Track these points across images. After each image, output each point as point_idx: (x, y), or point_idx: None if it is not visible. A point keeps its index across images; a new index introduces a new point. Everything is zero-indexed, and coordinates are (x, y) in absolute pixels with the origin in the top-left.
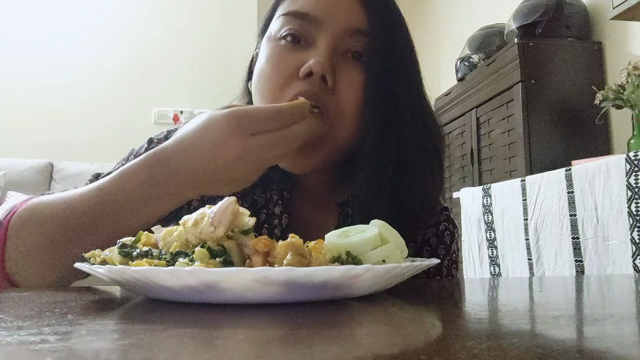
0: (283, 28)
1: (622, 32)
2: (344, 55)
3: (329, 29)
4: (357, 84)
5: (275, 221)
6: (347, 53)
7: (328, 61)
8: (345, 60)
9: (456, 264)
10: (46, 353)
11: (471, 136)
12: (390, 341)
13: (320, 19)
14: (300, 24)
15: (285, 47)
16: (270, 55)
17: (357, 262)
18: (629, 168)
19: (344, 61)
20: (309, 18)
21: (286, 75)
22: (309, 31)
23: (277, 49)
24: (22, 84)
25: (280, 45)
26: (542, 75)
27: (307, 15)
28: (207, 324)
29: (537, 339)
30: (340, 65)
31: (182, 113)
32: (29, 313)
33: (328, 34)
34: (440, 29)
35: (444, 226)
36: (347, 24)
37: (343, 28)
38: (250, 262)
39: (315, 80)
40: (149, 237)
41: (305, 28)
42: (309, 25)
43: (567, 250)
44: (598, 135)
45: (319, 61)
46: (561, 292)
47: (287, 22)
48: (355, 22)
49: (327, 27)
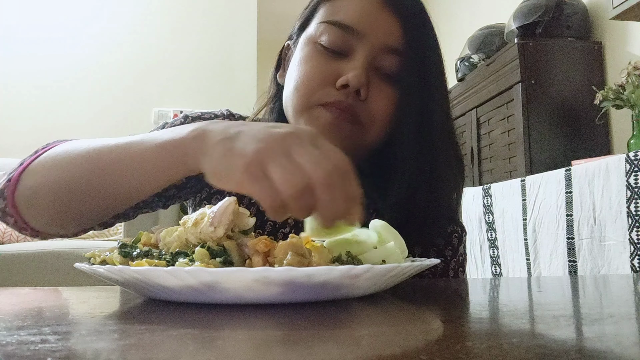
0: (324, 35)
1: (622, 32)
2: (378, 71)
3: (368, 44)
4: (388, 98)
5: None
6: (380, 69)
7: (365, 74)
8: (379, 76)
9: (463, 267)
10: (46, 353)
11: (471, 136)
12: (391, 341)
13: (362, 33)
14: (342, 35)
15: (324, 54)
16: (309, 57)
17: (357, 262)
18: (629, 168)
19: (377, 77)
20: (351, 31)
21: (322, 80)
22: (349, 42)
23: (316, 53)
24: (22, 84)
25: (319, 50)
26: (542, 75)
27: (349, 28)
28: (207, 324)
29: (537, 339)
30: (374, 80)
31: (182, 113)
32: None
33: (367, 48)
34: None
35: (452, 228)
36: (386, 41)
37: (382, 44)
38: (250, 262)
39: (350, 92)
40: (149, 237)
41: (346, 39)
42: (350, 37)
43: (562, 251)
44: (598, 135)
45: (357, 75)
46: (561, 292)
47: (329, 31)
48: (394, 40)
49: (367, 41)
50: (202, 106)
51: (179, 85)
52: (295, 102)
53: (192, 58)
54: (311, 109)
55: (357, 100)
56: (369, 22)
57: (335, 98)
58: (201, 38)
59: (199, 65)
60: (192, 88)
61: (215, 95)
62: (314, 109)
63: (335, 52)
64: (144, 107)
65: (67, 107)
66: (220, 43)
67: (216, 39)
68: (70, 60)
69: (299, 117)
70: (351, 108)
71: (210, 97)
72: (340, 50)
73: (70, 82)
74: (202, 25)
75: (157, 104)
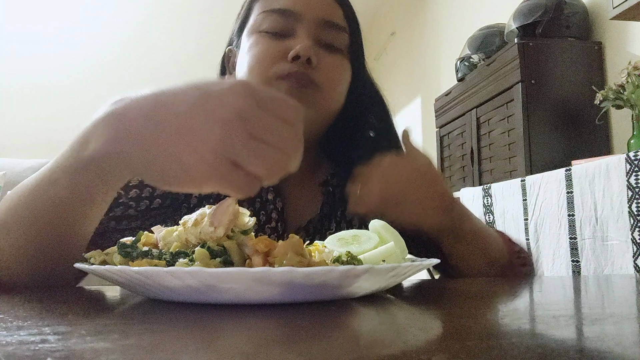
0: (265, 23)
1: (622, 32)
2: (319, 44)
3: (307, 22)
4: (336, 66)
5: (270, 206)
6: (322, 42)
7: (312, 45)
8: (322, 48)
9: None
10: (46, 353)
11: (471, 136)
12: (390, 341)
13: (300, 13)
14: (282, 19)
15: (269, 37)
16: (256, 42)
17: (357, 262)
18: (629, 168)
19: (322, 49)
20: (289, 13)
21: (274, 57)
22: (290, 24)
23: (262, 38)
24: (22, 84)
25: (263, 35)
26: (542, 75)
27: (287, 11)
28: (207, 324)
29: (537, 339)
30: (319, 51)
31: None
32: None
33: (308, 25)
34: (440, 29)
35: None
36: (323, 16)
37: (320, 20)
38: (250, 262)
39: (302, 62)
40: (149, 237)
41: (286, 22)
42: (290, 20)
43: (565, 251)
44: (598, 135)
45: (305, 45)
46: (561, 292)
47: (269, 18)
48: (332, 16)
49: (306, 20)
50: None
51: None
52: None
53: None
54: (269, 84)
55: (310, 68)
56: (304, 2)
57: (290, 69)
58: (201, 38)
59: (199, 65)
60: None
61: None
62: (272, 83)
63: (279, 34)
64: None
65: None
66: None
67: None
68: (71, 61)
69: None
70: (307, 75)
71: None
72: (283, 32)
73: (70, 82)
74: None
75: None
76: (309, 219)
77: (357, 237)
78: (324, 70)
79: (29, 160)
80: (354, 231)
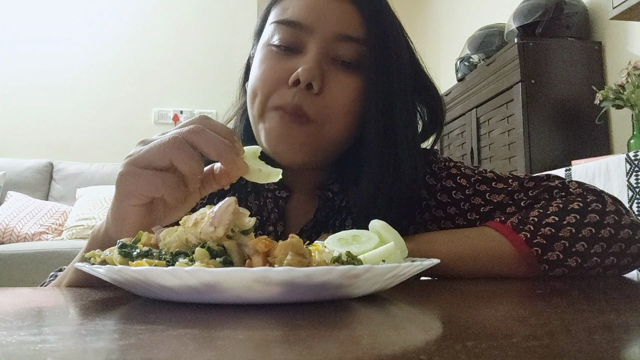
0: (274, 36)
1: (622, 32)
2: (334, 61)
3: (318, 36)
4: (346, 87)
5: (270, 227)
6: (336, 59)
7: (317, 67)
8: (335, 65)
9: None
10: (46, 353)
11: (471, 136)
12: (390, 341)
13: (311, 26)
14: (292, 32)
15: (277, 54)
16: (262, 60)
17: (357, 262)
18: (629, 168)
19: (334, 66)
20: (299, 26)
21: (277, 81)
22: (300, 38)
23: (269, 55)
24: (22, 84)
25: (272, 52)
26: (542, 75)
27: (297, 23)
28: (207, 324)
29: (537, 339)
30: (330, 70)
31: (182, 113)
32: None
33: (317, 40)
34: (440, 29)
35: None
36: (337, 29)
37: (333, 34)
38: (250, 262)
39: (301, 88)
40: (149, 237)
41: (296, 35)
42: (300, 33)
43: None
44: (598, 135)
45: (307, 68)
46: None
47: (279, 30)
48: (346, 28)
49: (317, 33)
50: (201, 106)
51: (178, 85)
52: (253, 109)
53: (192, 58)
54: (266, 114)
55: (310, 95)
56: (316, 14)
57: (283, 102)
58: (201, 38)
59: (199, 65)
60: (191, 88)
61: (214, 95)
62: (268, 113)
63: (288, 49)
64: (144, 107)
65: (67, 107)
66: (220, 43)
67: (216, 39)
68: (71, 61)
69: (257, 124)
70: (299, 109)
71: (210, 97)
72: (293, 47)
73: (70, 82)
74: (202, 25)
75: (157, 104)
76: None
77: (357, 237)
78: (328, 96)
79: (29, 160)
80: (354, 231)
